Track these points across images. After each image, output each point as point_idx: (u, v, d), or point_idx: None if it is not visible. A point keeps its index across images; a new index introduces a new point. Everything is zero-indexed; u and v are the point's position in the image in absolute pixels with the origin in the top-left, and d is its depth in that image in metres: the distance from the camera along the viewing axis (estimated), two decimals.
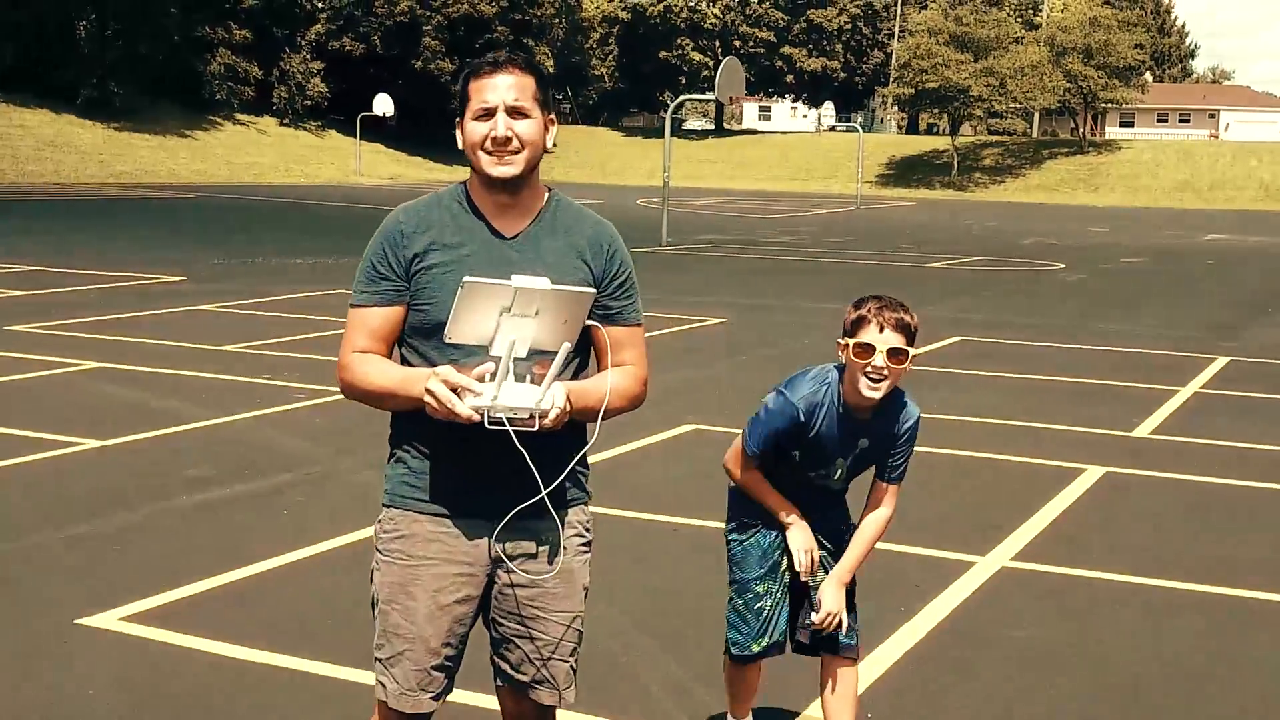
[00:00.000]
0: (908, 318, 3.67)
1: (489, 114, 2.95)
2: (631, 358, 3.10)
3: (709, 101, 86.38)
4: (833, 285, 19.93)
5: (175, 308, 14.95)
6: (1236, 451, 9.05)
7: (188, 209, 35.36)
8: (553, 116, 3.05)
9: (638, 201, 45.53)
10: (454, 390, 2.78)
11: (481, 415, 2.77)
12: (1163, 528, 7.15)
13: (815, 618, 3.84)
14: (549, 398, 2.80)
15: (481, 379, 2.80)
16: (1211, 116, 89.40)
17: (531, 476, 2.88)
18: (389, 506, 3.10)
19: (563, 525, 3.06)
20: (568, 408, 2.83)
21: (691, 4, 78.56)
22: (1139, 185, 61.03)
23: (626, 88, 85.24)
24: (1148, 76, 74.39)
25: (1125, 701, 4.80)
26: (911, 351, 3.64)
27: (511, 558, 3.03)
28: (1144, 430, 9.70)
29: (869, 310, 3.65)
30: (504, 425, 2.79)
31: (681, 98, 34.30)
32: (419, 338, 3.01)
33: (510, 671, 3.14)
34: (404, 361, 3.06)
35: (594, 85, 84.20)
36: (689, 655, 5.04)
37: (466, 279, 2.75)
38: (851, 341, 3.64)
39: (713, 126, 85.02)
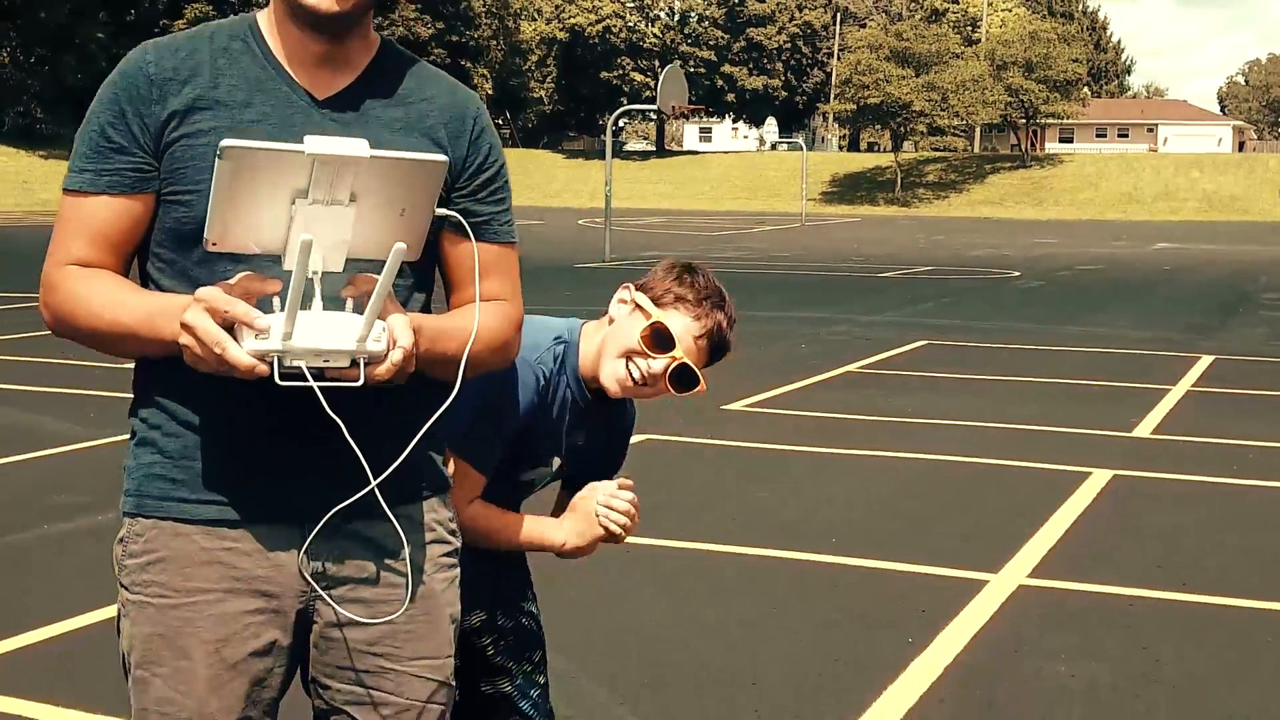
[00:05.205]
0: (731, 338, 2.45)
1: None
2: (501, 289, 2.04)
3: (650, 122, 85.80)
4: (787, 297, 18.97)
5: None
6: (1243, 450, 8.15)
7: None
8: None
9: (579, 222, 44.47)
10: (228, 327, 1.72)
11: (270, 364, 1.70)
12: (1190, 535, 6.20)
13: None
14: (379, 333, 1.73)
15: (268, 305, 1.75)
16: (1150, 131, 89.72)
17: (354, 458, 1.83)
18: (134, 515, 1.96)
19: (411, 528, 1.98)
20: (411, 349, 1.77)
21: (630, 24, 77.86)
22: (1082, 199, 60.75)
23: (566, 110, 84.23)
24: (1086, 90, 74.41)
25: None
26: (701, 386, 2.41)
27: (335, 581, 1.95)
28: (1145, 430, 8.78)
29: (697, 293, 2.40)
30: (305, 380, 1.72)
31: (622, 109, 33.29)
32: (176, 248, 1.90)
33: None
34: (148, 283, 1.95)
35: (533, 108, 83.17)
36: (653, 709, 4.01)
37: (226, 142, 1.66)
38: (651, 318, 2.38)
39: (654, 148, 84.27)
